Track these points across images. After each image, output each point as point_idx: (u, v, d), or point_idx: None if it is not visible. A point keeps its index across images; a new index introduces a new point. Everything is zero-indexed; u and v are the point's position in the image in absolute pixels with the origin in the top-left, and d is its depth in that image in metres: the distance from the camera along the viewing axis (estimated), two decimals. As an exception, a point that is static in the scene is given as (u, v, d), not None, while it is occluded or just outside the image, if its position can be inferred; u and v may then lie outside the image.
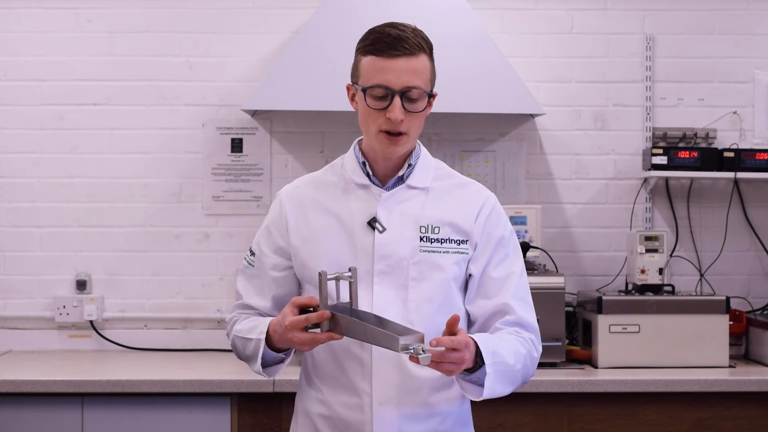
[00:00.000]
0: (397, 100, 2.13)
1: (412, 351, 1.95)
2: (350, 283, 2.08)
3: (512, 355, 2.14)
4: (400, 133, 2.16)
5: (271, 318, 2.21)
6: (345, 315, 2.04)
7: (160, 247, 4.09)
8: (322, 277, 2.05)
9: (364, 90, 2.16)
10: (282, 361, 2.24)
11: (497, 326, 2.23)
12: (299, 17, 4.05)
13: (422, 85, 2.15)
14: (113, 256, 4.08)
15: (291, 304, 2.11)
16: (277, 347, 2.19)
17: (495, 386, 2.10)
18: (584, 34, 4.15)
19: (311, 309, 2.09)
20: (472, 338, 2.07)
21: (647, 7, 4.15)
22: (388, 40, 2.14)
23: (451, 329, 2.02)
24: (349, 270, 2.09)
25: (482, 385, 2.08)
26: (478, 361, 2.08)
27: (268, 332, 2.18)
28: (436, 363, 1.98)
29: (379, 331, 1.98)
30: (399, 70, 2.13)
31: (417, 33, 2.17)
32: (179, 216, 4.09)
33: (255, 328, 2.22)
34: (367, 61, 2.16)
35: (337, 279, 2.09)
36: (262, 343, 2.18)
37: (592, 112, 4.15)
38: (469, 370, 2.09)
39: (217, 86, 4.10)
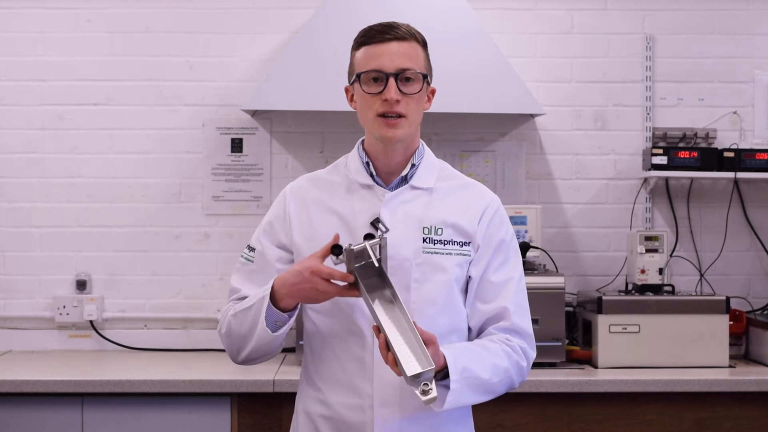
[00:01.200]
0: (391, 81, 2.14)
1: (419, 387, 1.95)
2: (380, 245, 2.04)
3: (489, 369, 2.15)
4: (397, 116, 2.16)
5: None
6: (370, 285, 2.02)
7: (160, 247, 4.09)
8: (348, 254, 2.01)
9: (358, 75, 2.17)
10: (285, 322, 2.17)
11: (490, 331, 2.24)
12: (299, 17, 4.05)
13: (416, 68, 2.17)
14: (113, 256, 4.08)
15: (317, 256, 2.08)
16: (280, 306, 2.14)
17: (460, 399, 2.11)
18: (584, 34, 4.15)
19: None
20: (443, 352, 2.07)
21: (647, 7, 4.15)
22: (378, 28, 2.18)
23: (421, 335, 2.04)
24: (378, 231, 2.05)
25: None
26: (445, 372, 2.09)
27: (273, 288, 2.13)
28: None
29: (393, 350, 1.97)
30: (391, 54, 2.15)
31: (409, 26, 2.21)
32: (179, 216, 4.09)
33: (254, 296, 2.17)
34: (359, 53, 2.19)
35: (367, 248, 2.04)
36: (266, 301, 2.11)
37: (592, 112, 4.15)
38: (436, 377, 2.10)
39: (217, 86, 4.10)
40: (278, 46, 4.08)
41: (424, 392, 1.96)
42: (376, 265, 2.05)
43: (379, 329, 2.01)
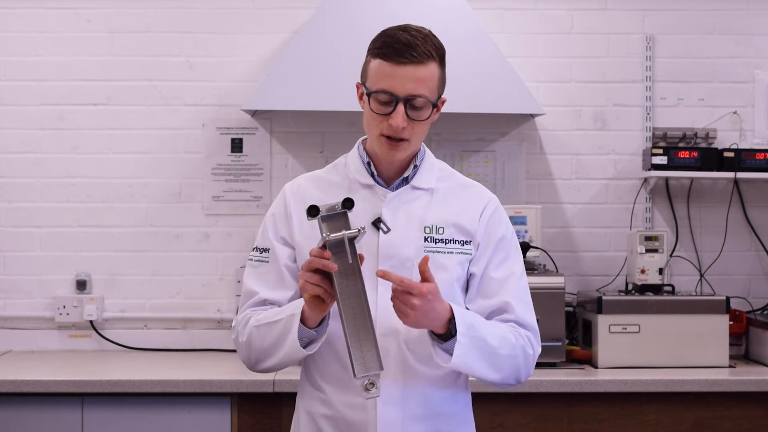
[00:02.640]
0: (400, 107, 2.12)
1: (361, 382, 1.97)
2: (356, 235, 2.02)
3: (496, 337, 2.15)
4: (401, 139, 2.16)
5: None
6: (341, 283, 2.02)
7: (160, 247, 4.09)
8: (321, 233, 2.00)
9: (369, 94, 2.16)
10: (312, 338, 2.16)
11: (494, 321, 2.24)
12: (299, 17, 4.05)
13: (427, 94, 2.14)
14: (113, 256, 4.08)
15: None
16: (307, 323, 2.13)
17: (468, 359, 2.10)
18: (584, 34, 4.15)
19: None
20: (450, 305, 2.09)
21: (647, 7, 4.15)
22: (397, 46, 2.12)
23: (422, 275, 2.04)
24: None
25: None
26: (453, 331, 2.09)
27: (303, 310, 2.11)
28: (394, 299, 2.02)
29: (349, 341, 1.98)
30: (404, 78, 2.12)
31: (428, 40, 2.15)
32: (179, 216, 4.09)
33: (282, 311, 2.16)
34: (375, 64, 2.16)
35: (332, 214, 2.02)
36: (297, 319, 2.10)
37: (592, 112, 4.15)
38: (444, 338, 2.10)
39: (217, 86, 4.10)
40: (278, 46, 4.08)
41: (367, 389, 1.97)
42: (347, 245, 2.02)
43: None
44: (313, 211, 2.01)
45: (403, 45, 2.12)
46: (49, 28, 4.09)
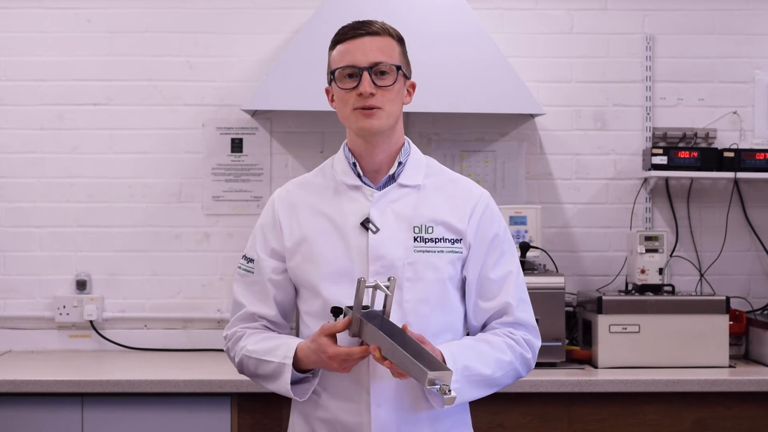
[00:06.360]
0: (365, 75, 2.16)
1: (437, 388, 1.95)
2: (386, 295, 2.07)
3: (492, 364, 2.17)
4: (374, 107, 2.17)
5: (296, 341, 2.18)
6: (374, 326, 2.03)
7: (160, 247, 4.09)
8: (360, 284, 2.03)
9: (332, 73, 2.18)
10: (308, 381, 2.21)
11: (493, 325, 2.25)
12: (299, 17, 4.06)
13: (390, 61, 2.18)
14: (113, 256, 4.08)
15: (322, 332, 2.10)
16: (302, 368, 2.18)
17: (462, 396, 2.13)
18: (584, 34, 4.15)
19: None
20: (440, 351, 2.09)
21: (647, 7, 4.15)
22: (351, 24, 2.22)
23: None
24: (389, 280, 2.08)
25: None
26: None
27: (296, 356, 2.16)
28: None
29: (409, 358, 1.97)
30: (364, 48, 2.18)
31: (383, 23, 2.23)
32: (179, 216, 4.09)
33: (274, 350, 2.19)
34: (335, 51, 2.23)
35: (375, 287, 2.07)
36: (288, 368, 2.15)
37: (592, 112, 4.15)
38: None
39: (217, 86, 4.10)
40: (278, 46, 4.08)
41: (445, 393, 1.95)
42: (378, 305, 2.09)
43: (383, 357, 2.02)
44: (336, 311, 2.10)
45: (357, 23, 2.21)
46: (49, 28, 4.09)
